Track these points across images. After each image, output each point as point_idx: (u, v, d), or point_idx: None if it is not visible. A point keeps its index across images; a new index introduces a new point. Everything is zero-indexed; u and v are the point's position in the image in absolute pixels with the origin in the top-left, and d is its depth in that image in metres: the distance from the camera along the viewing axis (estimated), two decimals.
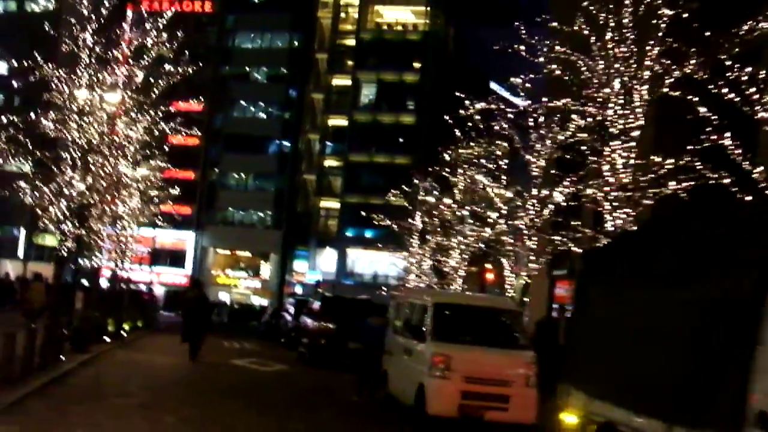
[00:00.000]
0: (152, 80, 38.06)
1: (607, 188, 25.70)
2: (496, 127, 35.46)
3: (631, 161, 25.18)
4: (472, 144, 39.11)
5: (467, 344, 20.16)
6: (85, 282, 45.41)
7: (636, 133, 25.24)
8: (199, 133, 75.32)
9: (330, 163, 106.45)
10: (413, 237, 55.53)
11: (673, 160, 24.90)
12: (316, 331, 36.42)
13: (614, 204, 25.41)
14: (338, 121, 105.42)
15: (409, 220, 55.86)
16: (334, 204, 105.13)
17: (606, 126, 25.97)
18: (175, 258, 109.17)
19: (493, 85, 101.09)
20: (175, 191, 51.13)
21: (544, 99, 29.58)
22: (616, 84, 25.61)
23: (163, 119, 39.70)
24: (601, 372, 13.88)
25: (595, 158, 26.75)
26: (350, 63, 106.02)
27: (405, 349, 21.47)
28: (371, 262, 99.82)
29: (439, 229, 47.98)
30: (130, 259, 53.06)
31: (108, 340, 36.07)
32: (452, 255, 45.02)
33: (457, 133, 40.79)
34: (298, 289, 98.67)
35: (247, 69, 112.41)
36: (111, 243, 41.98)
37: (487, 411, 19.26)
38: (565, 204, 32.20)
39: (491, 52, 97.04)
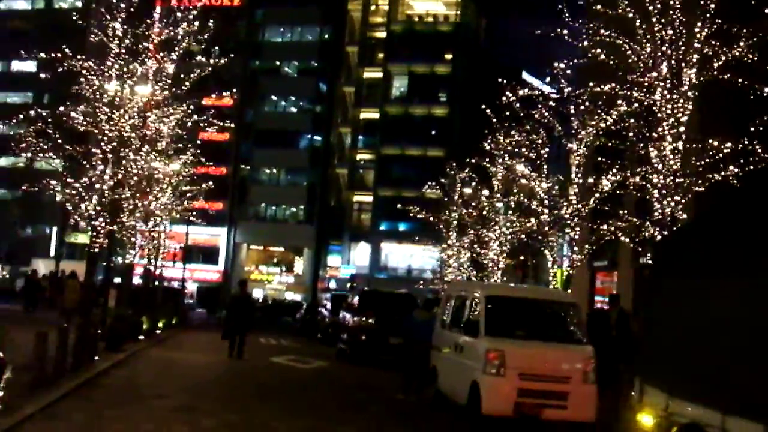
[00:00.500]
0: (182, 74, 37.62)
1: (655, 175, 24.63)
2: (537, 115, 34.40)
3: (680, 146, 24.13)
4: (512, 133, 37.90)
5: (523, 339, 19.03)
6: (117, 279, 44.61)
7: (684, 118, 24.20)
8: (231, 128, 75.53)
9: (362, 156, 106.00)
10: (450, 229, 54.50)
11: (730, 144, 23.76)
12: (355, 327, 35.14)
13: (663, 191, 24.37)
14: (370, 114, 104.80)
15: (446, 212, 54.82)
16: (366, 198, 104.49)
17: (653, 111, 24.90)
18: (208, 254, 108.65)
19: (526, 76, 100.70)
20: (207, 186, 49.93)
21: (590, 84, 28.35)
22: (664, 68, 24.55)
23: (194, 112, 38.66)
24: (684, 368, 12.73)
25: (642, 144, 25.65)
26: (381, 55, 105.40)
27: (456, 345, 20.33)
28: (405, 256, 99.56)
29: (477, 221, 46.95)
30: (163, 256, 52.29)
31: (142, 338, 35.24)
32: (491, 247, 44.01)
33: (495, 121, 39.77)
34: (332, 284, 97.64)
35: (278, 63, 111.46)
36: (143, 239, 41.03)
37: (544, 409, 18.12)
38: (608, 192, 31.07)
39: (523, 44, 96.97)
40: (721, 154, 24.14)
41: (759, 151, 23.47)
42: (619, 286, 41.32)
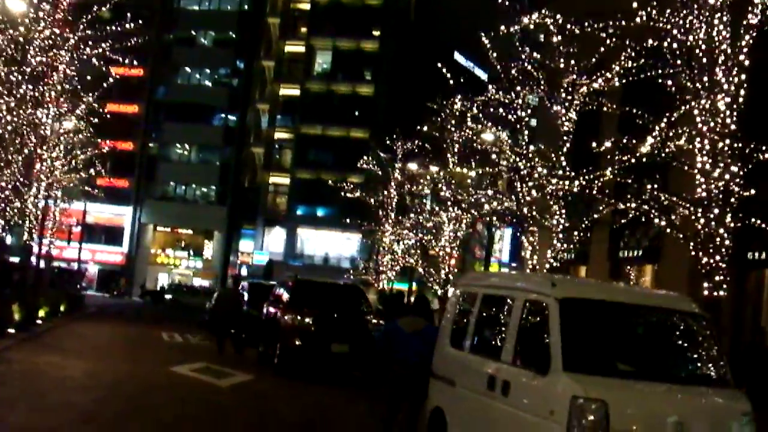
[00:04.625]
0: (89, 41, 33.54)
1: (698, 139, 18.59)
2: (513, 71, 28.26)
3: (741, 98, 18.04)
4: (479, 97, 31.49)
5: (631, 378, 11.11)
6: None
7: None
8: (139, 100, 70.15)
9: (280, 135, 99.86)
10: (387, 211, 48.29)
11: None
12: (287, 329, 26.91)
13: (709, 160, 18.33)
14: (289, 91, 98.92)
15: (383, 192, 48.64)
16: (283, 180, 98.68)
17: (696, 54, 18.83)
18: (111, 235, 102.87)
19: (459, 57, 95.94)
20: (99, 150, 43.57)
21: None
22: None
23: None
24: None
25: (681, 97, 19.54)
26: (304, 29, 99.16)
27: (491, 380, 11.96)
28: (323, 243, 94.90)
29: (425, 202, 40.83)
30: (52, 232, 45.34)
31: (13, 332, 28.29)
32: (444, 232, 37.81)
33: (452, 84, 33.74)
34: (244, 271, 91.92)
35: (193, 33, 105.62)
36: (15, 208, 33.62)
37: None
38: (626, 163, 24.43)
39: (456, 21, 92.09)
40: None
41: None
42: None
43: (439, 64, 35.91)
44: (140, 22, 38.94)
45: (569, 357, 10.58)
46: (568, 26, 24.91)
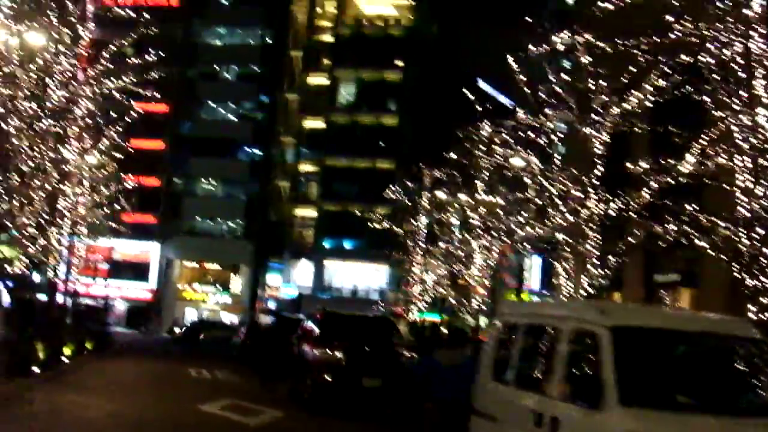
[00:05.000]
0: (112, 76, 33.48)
1: (737, 157, 17.90)
2: (541, 93, 27.62)
3: None
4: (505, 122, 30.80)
5: (691, 412, 10.07)
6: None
7: None
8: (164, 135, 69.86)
9: (305, 168, 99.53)
10: (416, 241, 47.56)
11: None
12: (317, 363, 26.32)
13: (751, 177, 17.64)
14: (314, 123, 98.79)
15: (412, 221, 47.92)
16: (309, 212, 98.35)
17: (733, 69, 18.16)
18: (138, 271, 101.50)
19: (482, 84, 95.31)
20: (125, 185, 43.21)
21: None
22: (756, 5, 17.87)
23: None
24: None
25: (717, 114, 18.84)
26: (327, 61, 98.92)
27: (538, 416, 10.94)
28: (350, 275, 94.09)
29: (454, 230, 40.11)
30: (77, 269, 44.80)
31: (37, 371, 27.72)
32: (474, 261, 37.06)
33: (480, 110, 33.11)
34: (271, 305, 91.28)
35: (216, 68, 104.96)
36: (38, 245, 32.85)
37: None
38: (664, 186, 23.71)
39: (479, 51, 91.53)
40: None
41: None
42: None
43: (465, 90, 35.53)
44: (162, 54, 38.71)
45: (624, 390, 9.72)
46: (600, 44, 24.23)
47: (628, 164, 23.29)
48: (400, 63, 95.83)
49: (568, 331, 10.99)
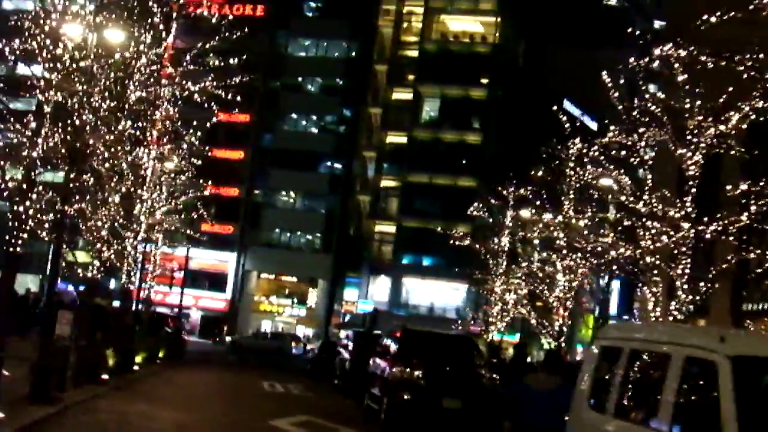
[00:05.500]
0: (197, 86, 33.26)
1: None
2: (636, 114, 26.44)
3: None
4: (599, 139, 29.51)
5: None
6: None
7: None
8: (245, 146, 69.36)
9: (386, 183, 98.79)
10: (497, 259, 46.39)
11: None
12: (395, 382, 25.13)
13: None
14: (396, 139, 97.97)
15: (493, 240, 46.78)
16: (389, 228, 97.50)
17: None
18: (214, 281, 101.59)
19: (568, 105, 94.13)
20: (202, 189, 42.80)
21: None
22: None
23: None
24: None
25: None
26: (411, 76, 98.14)
27: None
28: (428, 293, 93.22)
29: (537, 250, 38.97)
30: (152, 277, 44.29)
31: (106, 378, 27.04)
32: (557, 282, 35.85)
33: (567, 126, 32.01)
34: (347, 320, 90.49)
35: (300, 79, 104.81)
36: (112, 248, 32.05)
37: None
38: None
39: (565, 70, 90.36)
40: None
41: None
42: None
43: (554, 108, 34.63)
44: (245, 61, 38.20)
45: (745, 427, 8.46)
46: (701, 58, 23.03)
47: (727, 186, 22.01)
48: (484, 80, 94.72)
49: (679, 359, 9.66)
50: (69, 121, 20.88)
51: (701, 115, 24.62)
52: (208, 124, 37.43)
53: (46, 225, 21.00)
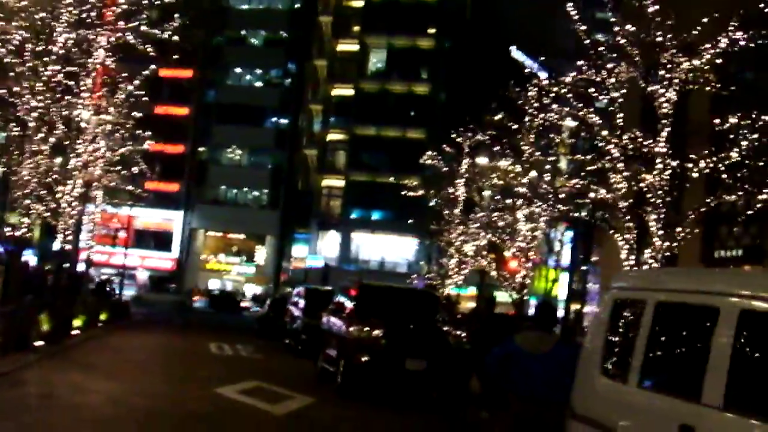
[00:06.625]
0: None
1: None
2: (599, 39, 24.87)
3: None
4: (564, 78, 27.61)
5: None
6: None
7: None
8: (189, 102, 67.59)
9: (333, 137, 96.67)
10: (451, 211, 44.78)
11: None
12: (353, 342, 23.13)
13: None
14: (343, 91, 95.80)
15: (450, 188, 45.11)
16: (337, 182, 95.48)
17: None
18: (160, 240, 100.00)
19: (516, 54, 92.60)
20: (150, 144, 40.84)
21: None
22: None
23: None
24: None
25: None
26: (357, 27, 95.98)
27: (686, 430, 7.56)
28: (378, 247, 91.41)
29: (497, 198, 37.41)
30: (92, 236, 42.28)
31: (42, 344, 25.05)
32: (519, 231, 34.26)
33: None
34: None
35: (243, 33, 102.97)
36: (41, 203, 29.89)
37: None
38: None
39: (512, 19, 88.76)
40: None
41: None
42: None
43: (514, 51, 33.06)
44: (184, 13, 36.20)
45: None
46: None
47: (715, 120, 20.41)
48: (432, 30, 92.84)
49: (732, 313, 7.51)
50: None
51: (674, 48, 22.98)
52: (144, 72, 35.05)
53: None
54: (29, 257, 39.83)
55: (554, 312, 11.40)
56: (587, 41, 25.06)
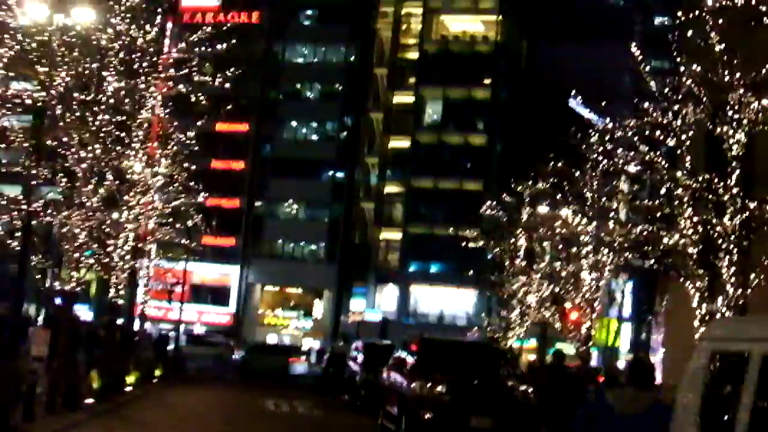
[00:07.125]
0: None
1: None
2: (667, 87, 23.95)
3: None
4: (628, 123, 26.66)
5: None
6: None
7: None
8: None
9: (390, 189, 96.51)
10: (512, 261, 43.88)
11: None
12: (415, 398, 22.39)
13: None
14: (399, 143, 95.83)
15: (510, 240, 44.25)
16: (395, 235, 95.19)
17: None
18: (217, 295, 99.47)
19: (573, 104, 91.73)
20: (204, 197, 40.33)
21: None
22: None
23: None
24: None
25: None
26: (412, 79, 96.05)
27: None
28: (437, 300, 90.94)
29: (560, 248, 36.49)
30: (147, 290, 41.84)
31: (90, 402, 24.42)
32: (583, 281, 33.27)
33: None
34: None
35: (299, 86, 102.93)
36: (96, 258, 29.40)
37: None
38: None
39: (568, 69, 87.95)
40: None
41: None
42: None
43: (572, 104, 32.42)
44: (240, 68, 35.87)
45: None
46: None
47: None
48: (487, 81, 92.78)
49: None
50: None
51: (742, 88, 22.04)
52: (198, 123, 34.61)
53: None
54: (83, 312, 39.31)
55: (650, 368, 10.05)
56: (652, 82, 24.19)
